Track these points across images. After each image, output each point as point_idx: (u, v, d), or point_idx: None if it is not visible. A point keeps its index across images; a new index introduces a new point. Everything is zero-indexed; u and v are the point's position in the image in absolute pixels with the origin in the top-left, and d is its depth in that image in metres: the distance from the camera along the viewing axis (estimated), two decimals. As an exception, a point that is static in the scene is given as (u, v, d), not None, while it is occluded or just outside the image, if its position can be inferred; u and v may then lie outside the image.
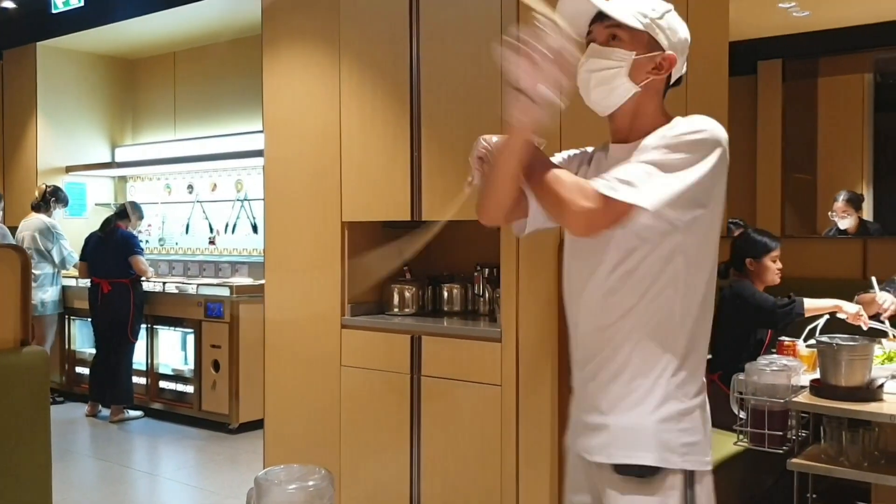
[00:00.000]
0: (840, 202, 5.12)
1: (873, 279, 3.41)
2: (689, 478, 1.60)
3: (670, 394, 1.61)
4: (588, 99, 1.67)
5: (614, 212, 1.52)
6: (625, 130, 1.67)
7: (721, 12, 3.75)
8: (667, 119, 1.65)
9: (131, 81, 7.57)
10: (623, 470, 1.61)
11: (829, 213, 5.17)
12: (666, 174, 1.52)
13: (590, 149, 1.81)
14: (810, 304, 3.29)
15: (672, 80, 1.70)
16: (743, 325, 3.41)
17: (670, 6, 1.67)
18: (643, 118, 1.65)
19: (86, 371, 6.43)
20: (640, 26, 1.61)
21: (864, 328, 3.26)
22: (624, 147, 1.65)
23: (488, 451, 3.13)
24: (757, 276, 3.45)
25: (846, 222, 5.07)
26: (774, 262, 3.46)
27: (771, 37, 5.16)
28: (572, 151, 1.83)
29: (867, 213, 5.55)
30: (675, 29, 1.66)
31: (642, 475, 1.60)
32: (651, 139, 1.58)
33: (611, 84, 1.63)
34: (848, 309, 3.28)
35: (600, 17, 1.64)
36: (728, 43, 3.71)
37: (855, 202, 5.12)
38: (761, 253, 3.45)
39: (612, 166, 1.59)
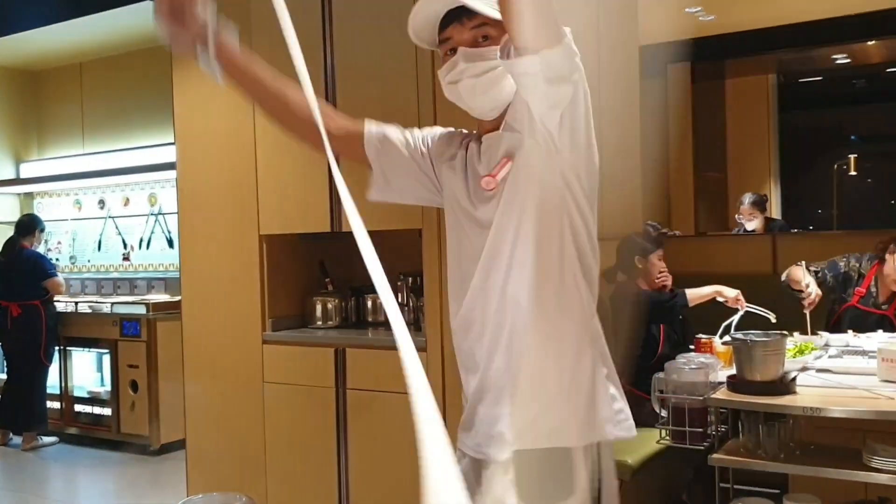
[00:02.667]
0: (746, 205, 5.27)
1: (803, 263, 3.55)
2: None
3: None
4: (473, 104, 1.55)
5: None
6: (499, 121, 1.56)
7: (631, 17, 3.83)
8: None
9: (35, 94, 7.26)
10: None
11: (737, 217, 5.32)
12: None
13: (464, 131, 1.71)
14: (692, 294, 3.48)
15: None
16: (637, 325, 3.48)
17: None
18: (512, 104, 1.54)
19: (-5, 398, 6.14)
20: (499, 16, 1.41)
21: (741, 310, 3.43)
22: (495, 135, 1.56)
23: (416, 461, 3.10)
24: (646, 275, 3.53)
25: (752, 224, 5.22)
26: (660, 260, 3.55)
27: (679, 40, 5.29)
28: (443, 130, 1.74)
29: (775, 208, 5.74)
30: None
31: None
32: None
33: (499, 85, 1.50)
34: (727, 294, 3.50)
35: (457, 18, 1.52)
36: (638, 47, 3.78)
37: (760, 204, 5.28)
38: (648, 250, 3.54)
39: (489, 158, 1.54)
